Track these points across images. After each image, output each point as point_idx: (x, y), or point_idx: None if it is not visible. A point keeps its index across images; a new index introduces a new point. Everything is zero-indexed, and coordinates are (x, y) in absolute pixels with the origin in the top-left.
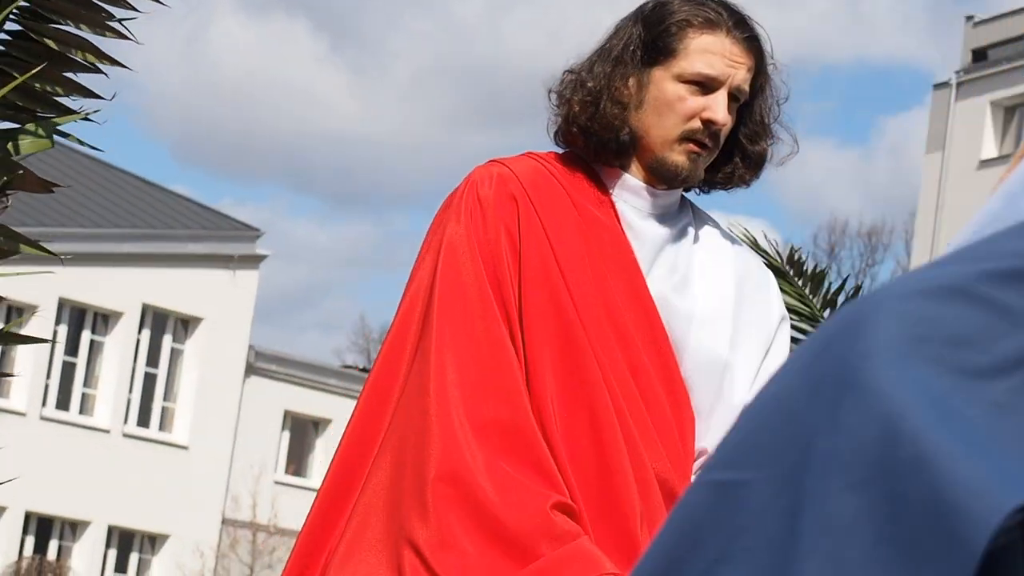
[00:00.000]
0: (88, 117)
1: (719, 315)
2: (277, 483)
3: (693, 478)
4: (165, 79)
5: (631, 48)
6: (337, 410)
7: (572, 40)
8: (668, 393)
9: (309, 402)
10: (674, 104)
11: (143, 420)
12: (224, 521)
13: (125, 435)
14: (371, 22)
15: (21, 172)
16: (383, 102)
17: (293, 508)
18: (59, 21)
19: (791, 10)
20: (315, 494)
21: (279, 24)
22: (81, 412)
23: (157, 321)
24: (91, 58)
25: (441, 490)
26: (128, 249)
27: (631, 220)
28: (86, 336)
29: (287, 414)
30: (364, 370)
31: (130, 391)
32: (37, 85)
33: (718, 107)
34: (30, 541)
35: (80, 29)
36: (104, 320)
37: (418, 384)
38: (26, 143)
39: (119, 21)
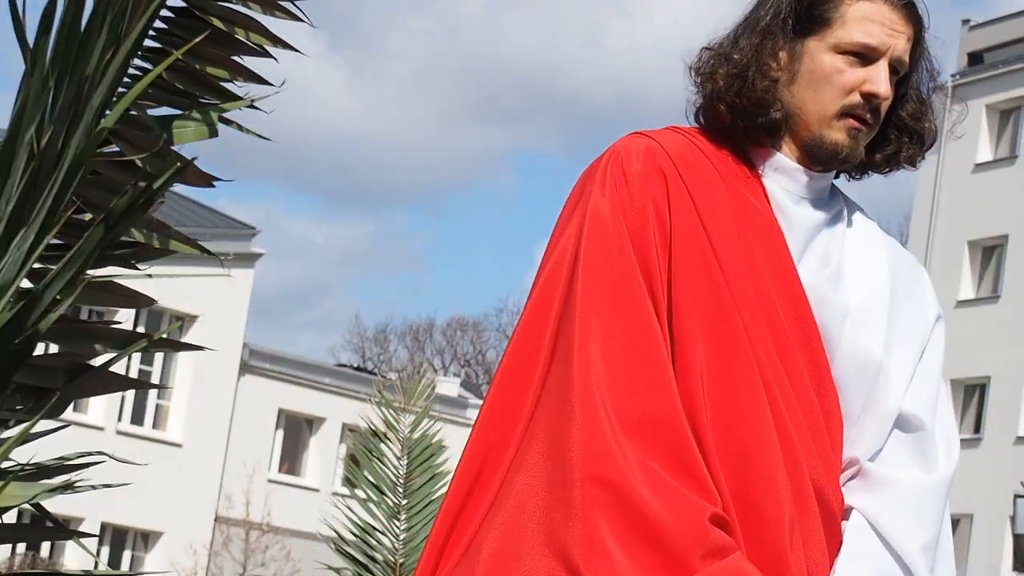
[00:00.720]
0: (254, 104)
1: (874, 312)
2: (271, 481)
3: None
4: None
5: (781, 17)
6: (331, 409)
7: (570, 40)
8: (818, 394)
9: (303, 400)
10: (831, 77)
11: (137, 418)
12: (217, 519)
13: (119, 432)
14: (370, 21)
15: (179, 164)
16: (381, 100)
17: (286, 506)
18: None
19: None
20: (305, 491)
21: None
22: (75, 409)
23: (152, 318)
24: (258, 39)
25: (591, 493)
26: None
27: (782, 203)
28: None
29: (281, 412)
30: (359, 368)
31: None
32: (199, 67)
33: (879, 79)
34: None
35: (248, 7)
36: (99, 317)
37: (561, 373)
38: (187, 131)
39: (291, 1)
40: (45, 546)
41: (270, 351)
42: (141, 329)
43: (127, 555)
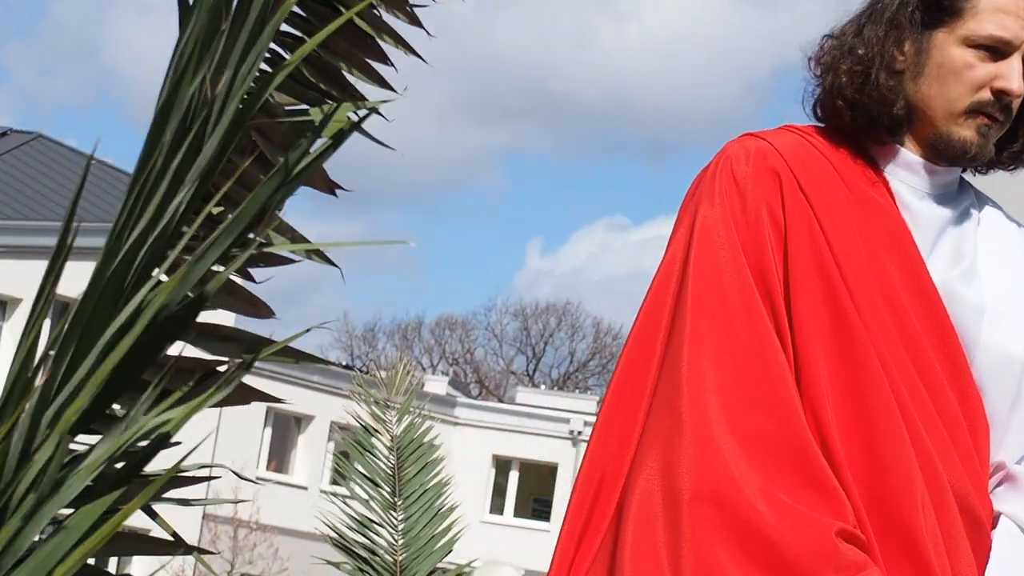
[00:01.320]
0: (377, 110)
1: (1012, 309)
2: (259, 479)
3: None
4: (156, 73)
5: (908, 8)
6: (320, 407)
7: (562, 39)
8: (959, 398)
9: (292, 399)
10: (961, 72)
11: None
12: (205, 516)
13: None
14: None
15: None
16: (372, 99)
17: (274, 504)
18: None
19: (784, 12)
20: (294, 489)
21: None
22: None
23: None
24: (389, 40)
25: (700, 512)
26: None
27: (907, 201)
28: None
29: (269, 410)
30: (347, 367)
31: None
32: (331, 61)
33: (1013, 75)
34: None
35: (378, 9)
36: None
37: (670, 384)
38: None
39: (411, 7)
40: None
41: None
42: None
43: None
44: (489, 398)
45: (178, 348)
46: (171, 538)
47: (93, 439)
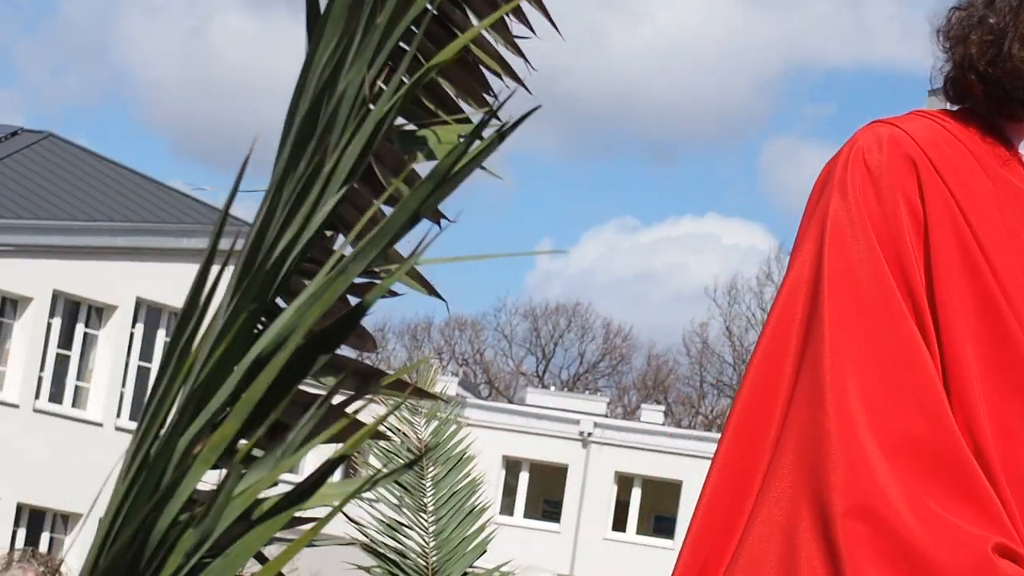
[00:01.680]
0: (479, 135)
1: None
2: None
3: None
4: (165, 73)
5: None
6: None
7: (570, 40)
8: None
9: None
10: None
11: (136, 414)
12: None
13: (118, 428)
14: None
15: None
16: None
17: None
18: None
19: (793, 14)
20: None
21: (281, 19)
22: (74, 405)
23: (151, 315)
24: (493, 64)
25: (852, 528)
26: (122, 243)
27: None
28: (80, 329)
29: None
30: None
31: (123, 385)
32: (441, 81)
33: None
34: (22, 533)
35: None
36: (98, 313)
37: (811, 397)
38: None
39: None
40: (44, 541)
41: None
42: (140, 327)
43: None
44: (499, 399)
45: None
46: None
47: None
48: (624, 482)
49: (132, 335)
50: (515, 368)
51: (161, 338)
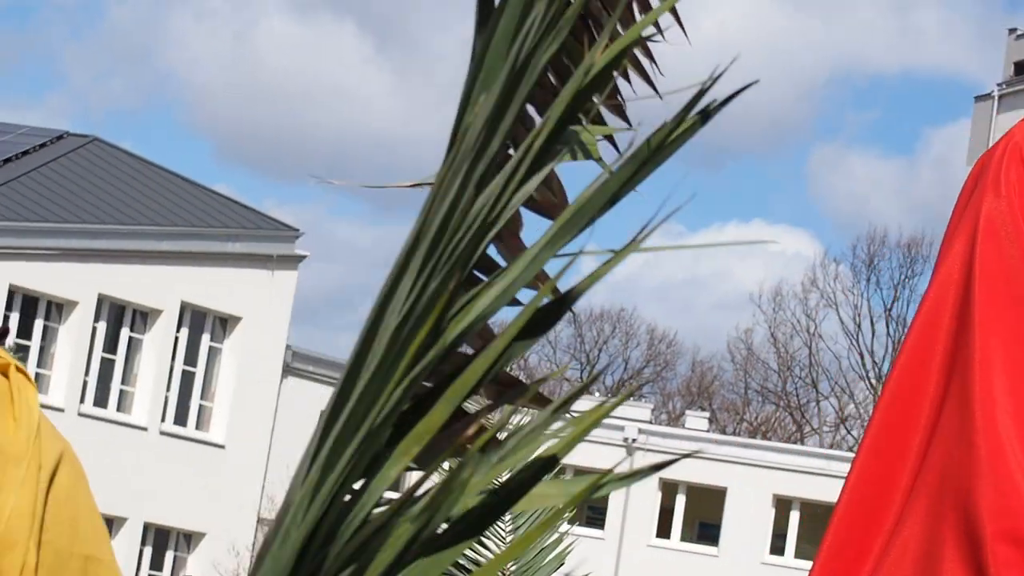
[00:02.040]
0: (611, 138)
1: None
2: None
3: None
4: (210, 77)
5: None
6: None
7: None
8: None
9: None
10: None
11: (180, 418)
12: (260, 520)
13: (162, 433)
14: (417, 24)
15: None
16: (426, 104)
17: None
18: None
19: (839, 19)
20: None
21: (325, 24)
22: (119, 409)
23: (195, 319)
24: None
25: (1003, 553)
26: (167, 247)
27: None
28: (125, 333)
29: (323, 415)
30: None
31: (168, 389)
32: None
33: None
34: None
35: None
36: (143, 317)
37: (960, 409)
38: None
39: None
40: None
41: (313, 354)
42: (184, 331)
43: (169, 555)
44: None
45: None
46: None
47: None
48: (668, 489)
49: (177, 339)
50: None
51: (205, 342)
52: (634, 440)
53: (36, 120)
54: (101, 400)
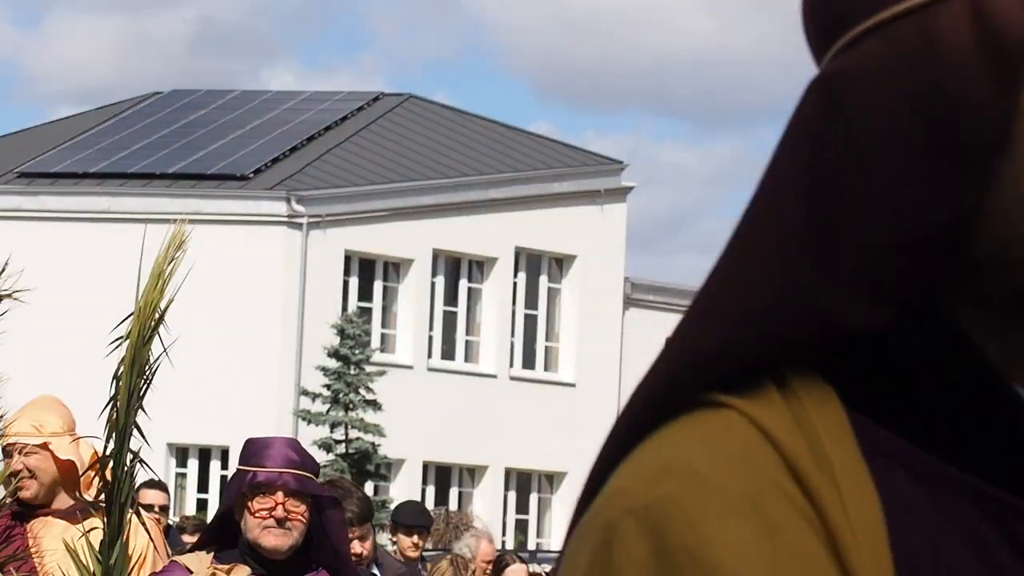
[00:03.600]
0: None
1: None
2: None
3: None
4: (520, 16)
5: None
6: None
7: None
8: None
9: None
10: None
11: (528, 362)
12: None
13: (511, 378)
14: None
15: None
16: (740, 17)
17: None
18: None
19: None
20: None
21: None
22: (466, 360)
23: (531, 262)
24: None
25: None
26: (496, 195)
27: None
28: (463, 285)
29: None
30: None
31: (512, 335)
32: None
33: None
34: (431, 491)
35: None
36: (479, 267)
37: None
38: None
39: None
40: (453, 496)
41: (652, 283)
42: (522, 276)
43: (533, 498)
44: None
45: None
46: None
47: None
48: None
49: (515, 284)
50: None
51: (544, 284)
52: None
53: (351, 81)
54: (448, 353)
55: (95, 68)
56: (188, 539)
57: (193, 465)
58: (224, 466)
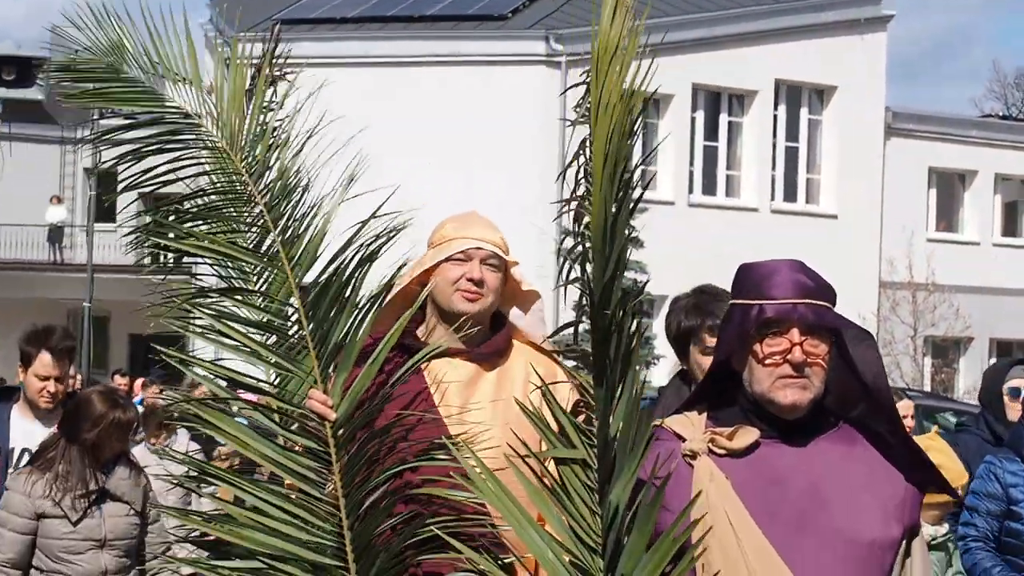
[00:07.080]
0: None
1: None
2: (929, 241)
3: None
4: None
5: None
6: (981, 161)
7: None
8: None
9: (952, 156)
10: None
11: (789, 195)
12: (881, 284)
13: (773, 211)
14: None
15: None
16: None
17: (947, 264)
18: None
19: None
20: (964, 246)
21: None
22: (727, 195)
23: (791, 95)
24: None
25: None
26: (753, 27)
27: None
28: (723, 119)
29: (931, 171)
30: (1004, 117)
31: (773, 168)
32: None
33: None
34: None
35: None
36: (739, 101)
37: None
38: None
39: None
40: None
41: (913, 111)
42: (782, 108)
43: None
44: None
45: None
46: None
47: None
48: None
49: (775, 117)
50: None
51: (804, 116)
52: None
53: None
54: (709, 188)
55: None
56: None
57: None
58: None
